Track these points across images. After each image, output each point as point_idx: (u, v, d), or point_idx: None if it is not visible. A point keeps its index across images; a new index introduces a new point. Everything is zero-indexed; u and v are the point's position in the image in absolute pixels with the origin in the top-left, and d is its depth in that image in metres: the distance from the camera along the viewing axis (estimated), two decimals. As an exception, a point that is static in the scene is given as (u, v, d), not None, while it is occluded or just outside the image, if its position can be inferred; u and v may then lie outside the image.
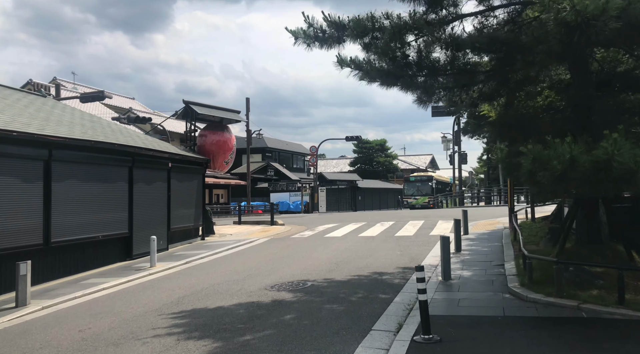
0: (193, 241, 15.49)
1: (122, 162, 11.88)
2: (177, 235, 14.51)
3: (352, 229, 16.65)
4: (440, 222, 17.30)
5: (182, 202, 14.60)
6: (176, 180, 14.32)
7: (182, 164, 14.71)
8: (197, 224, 15.64)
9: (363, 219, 21.16)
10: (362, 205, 53.81)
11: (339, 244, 13.01)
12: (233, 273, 9.80)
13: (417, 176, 45.12)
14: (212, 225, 16.99)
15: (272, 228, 18.89)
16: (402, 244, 12.59)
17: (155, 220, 13.10)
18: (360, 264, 9.93)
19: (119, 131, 13.81)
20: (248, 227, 20.02)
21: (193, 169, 15.44)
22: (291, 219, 23.83)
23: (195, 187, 15.57)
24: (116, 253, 11.77)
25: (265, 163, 56.10)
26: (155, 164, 13.21)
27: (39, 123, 10.35)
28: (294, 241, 14.26)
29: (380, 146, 70.09)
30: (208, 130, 16.87)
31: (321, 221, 21.65)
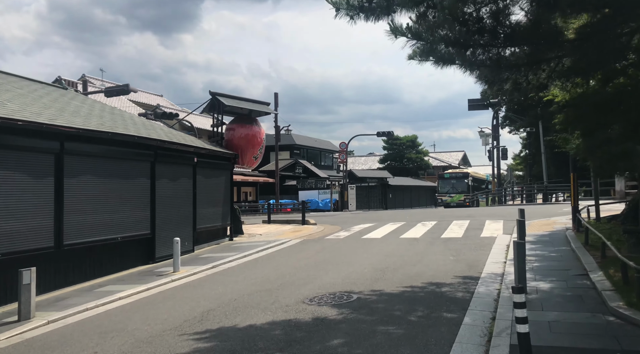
0: (221, 241, 14.43)
1: (144, 156, 10.86)
2: (203, 236, 13.47)
3: (391, 229, 15.29)
4: (489, 222, 15.77)
5: (208, 201, 13.56)
6: (202, 176, 13.27)
7: (209, 159, 13.65)
8: (225, 224, 14.59)
9: (400, 218, 19.76)
10: (392, 203, 52.23)
11: (381, 247, 11.70)
12: (265, 280, 8.62)
13: (452, 172, 43.25)
14: (241, 224, 15.92)
15: (304, 228, 17.71)
16: (453, 247, 11.19)
17: (179, 220, 12.07)
18: (410, 272, 8.60)
19: (141, 124, 12.84)
20: (278, 226, 18.90)
21: (220, 165, 14.38)
22: (322, 218, 22.61)
23: (223, 184, 14.51)
24: (137, 256, 10.77)
25: (293, 160, 55.08)
26: (179, 159, 12.18)
27: (51, 113, 9.40)
28: (330, 243, 13.02)
29: (411, 142, 68.21)
30: (236, 123, 15.80)
31: (355, 220, 20.35)
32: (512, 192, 36.84)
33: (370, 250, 11.38)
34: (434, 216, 19.71)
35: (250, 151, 15.62)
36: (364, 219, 20.31)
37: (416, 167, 69.03)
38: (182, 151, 12.29)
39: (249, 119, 15.98)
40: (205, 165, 13.44)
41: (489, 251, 10.41)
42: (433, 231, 14.43)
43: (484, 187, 45.19)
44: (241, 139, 15.51)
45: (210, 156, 13.73)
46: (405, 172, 65.62)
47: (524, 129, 35.03)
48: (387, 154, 69.85)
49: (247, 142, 15.54)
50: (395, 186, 53.00)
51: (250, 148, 15.60)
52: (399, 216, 21.11)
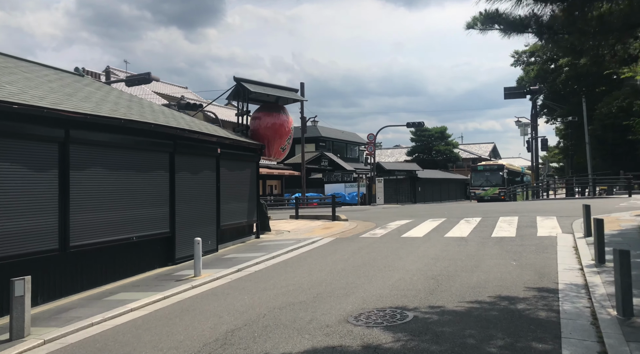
0: (246, 239, 13.32)
1: (162, 147, 9.78)
2: (228, 233, 12.37)
3: (432, 227, 13.91)
4: (540, 218, 14.22)
5: (233, 195, 12.44)
6: (226, 169, 12.15)
7: (234, 150, 12.51)
8: (251, 220, 13.46)
9: (438, 213, 18.32)
10: (422, 197, 50.56)
11: (426, 249, 10.36)
12: (298, 288, 7.42)
13: (486, 164, 41.27)
14: (268, 221, 14.79)
15: (335, 224, 16.47)
16: (510, 249, 9.77)
17: (202, 216, 10.98)
18: (469, 281, 7.27)
19: (160, 112, 11.77)
20: (307, 222, 17.72)
21: (246, 157, 13.24)
22: (352, 213, 21.34)
23: (249, 177, 13.37)
24: (154, 258, 9.72)
25: (319, 153, 53.87)
26: (201, 149, 11.06)
27: (57, 97, 8.36)
28: (366, 243, 11.74)
29: (440, 133, 66.17)
30: (262, 112, 14.62)
31: (388, 215, 19.01)
32: (554, 185, 34.74)
33: (415, 252, 10.06)
34: (475, 212, 18.19)
35: (277, 141, 14.43)
36: (398, 215, 18.95)
37: (445, 159, 66.99)
38: (204, 141, 11.17)
39: (276, 107, 14.77)
40: (230, 157, 12.31)
41: (554, 255, 8.97)
42: (480, 228, 12.99)
43: (518, 180, 43.12)
44: (268, 129, 14.33)
45: (235, 147, 12.59)
46: (433, 164, 63.69)
47: (562, 118, 32.90)
48: (415, 146, 68.00)
49: (274, 132, 14.34)
50: (424, 179, 51.31)
51: (277, 138, 14.40)
52: (436, 211, 19.65)
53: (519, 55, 39.90)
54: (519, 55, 39.88)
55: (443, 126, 67.28)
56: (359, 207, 31.07)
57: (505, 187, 38.78)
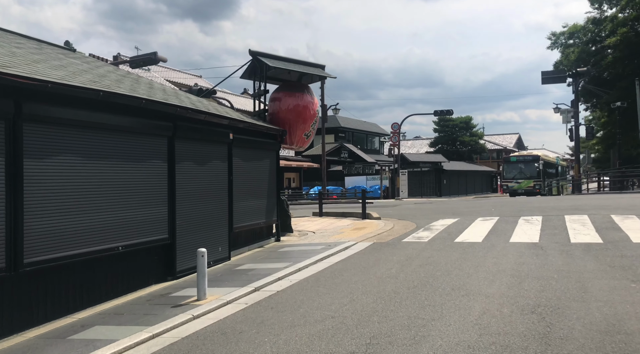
0: (265, 243, 11.18)
1: (157, 130, 7.64)
2: (242, 237, 10.25)
3: (487, 228, 11.58)
4: (618, 218, 11.77)
5: (249, 190, 10.29)
6: (240, 159, 10.00)
7: (249, 136, 10.34)
8: (270, 220, 11.31)
9: (484, 210, 15.94)
10: (447, 190, 47.99)
11: (496, 260, 8.06)
12: (339, 325, 5.21)
13: (520, 155, 38.53)
14: (290, 220, 12.62)
15: (367, 224, 14.23)
16: (612, 262, 7.42)
17: (210, 217, 8.86)
18: (591, 319, 4.96)
19: (160, 90, 9.64)
20: (333, 221, 15.53)
21: (264, 144, 11.06)
22: (381, 209, 19.04)
23: (267, 169, 11.20)
24: (149, 271, 7.63)
25: (338, 144, 51.57)
26: (209, 134, 8.91)
27: (14, 61, 6.26)
28: (414, 250, 9.48)
29: (464, 123, 63.25)
30: (283, 91, 12.41)
31: (426, 212, 16.68)
32: (598, 177, 31.84)
33: (483, 265, 7.77)
34: (527, 208, 15.75)
35: (300, 126, 12.21)
36: (437, 212, 16.61)
37: (470, 150, 64.11)
38: (213, 124, 9.01)
39: (298, 86, 12.53)
40: (245, 144, 10.15)
41: (683, 273, 6.61)
42: (549, 231, 10.62)
43: (552, 172, 40.23)
44: (289, 112, 12.11)
45: (251, 132, 10.41)
46: (458, 156, 60.90)
47: (610, 104, 29.96)
48: (438, 137, 65.19)
49: (297, 116, 12.12)
50: (450, 171, 48.72)
51: (300, 123, 12.19)
52: (479, 207, 17.25)
53: (556, 37, 36.89)
54: (556, 37, 36.87)
55: (468, 115, 64.27)
56: (384, 202, 28.74)
57: (541, 180, 36.08)
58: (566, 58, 34.40)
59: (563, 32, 36.26)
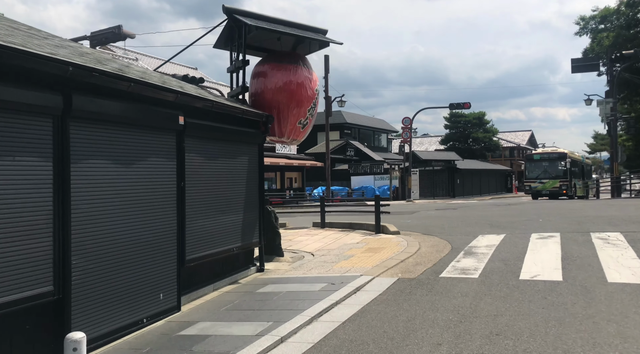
0: (241, 276, 7.85)
1: (33, 105, 4.33)
2: (203, 271, 6.93)
3: (555, 253, 8.21)
4: None
5: (214, 202, 6.96)
6: (199, 155, 6.68)
7: (215, 121, 7.00)
8: (250, 243, 7.97)
9: (526, 219, 12.55)
10: (460, 190, 44.56)
11: (620, 329, 4.68)
12: None
13: (544, 153, 34.95)
14: (279, 238, 9.28)
15: (382, 241, 10.89)
16: None
17: (142, 248, 5.54)
18: None
19: (74, 50, 6.30)
20: (338, 235, 12.19)
21: (240, 135, 7.72)
22: (396, 217, 15.65)
23: (245, 169, 7.86)
24: (21, 345, 4.32)
25: (344, 141, 48.16)
26: (139, 115, 5.58)
27: None
28: (464, 300, 6.08)
29: (477, 119, 59.76)
30: (270, 64, 9.07)
31: (452, 221, 13.30)
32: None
33: (601, 337, 4.41)
34: (589, 219, 12.31)
35: (294, 111, 8.86)
36: (467, 221, 13.23)
37: (483, 148, 60.57)
38: (147, 100, 5.68)
39: (291, 57, 9.16)
40: (207, 133, 6.82)
41: None
42: None
43: (577, 171, 36.65)
44: (278, 92, 8.77)
45: (217, 117, 7.07)
46: (470, 153, 57.34)
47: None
48: (449, 134, 61.78)
49: (290, 97, 8.78)
50: (463, 170, 45.27)
51: (293, 107, 8.84)
52: (520, 215, 13.81)
53: (585, 22, 33.35)
54: (585, 22, 33.32)
55: (481, 111, 60.79)
56: (395, 206, 25.27)
57: (568, 180, 32.59)
58: (598, 44, 30.86)
59: (593, 17, 32.73)
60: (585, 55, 32.44)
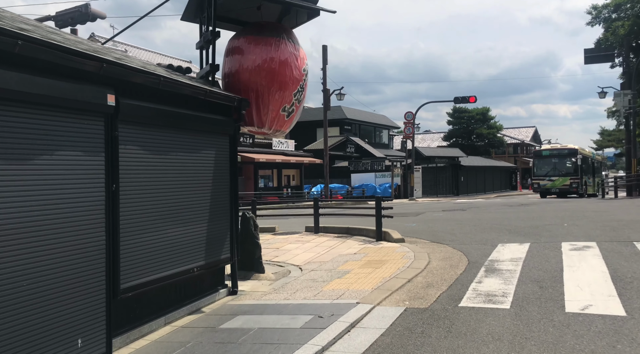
0: (206, 301, 6.22)
1: None
2: (151, 300, 5.29)
3: (600, 270, 6.58)
4: None
5: (164, 210, 5.32)
6: (142, 148, 5.04)
7: (165, 104, 5.36)
8: (218, 259, 6.33)
9: (546, 222, 10.94)
10: (464, 187, 42.89)
11: None
12: None
13: (553, 148, 33.32)
14: (259, 250, 7.64)
15: (384, 252, 9.26)
16: None
17: (47, 279, 3.92)
18: None
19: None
20: (333, 242, 10.56)
21: (202, 122, 6.06)
22: (400, 220, 14.02)
23: (211, 166, 6.22)
24: None
25: (343, 137, 46.49)
26: (39, 90, 3.95)
27: None
28: (498, 346, 4.48)
29: (481, 115, 58.05)
30: (246, 37, 7.43)
31: (464, 226, 11.65)
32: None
33: None
34: (623, 224, 10.69)
35: (276, 95, 7.22)
36: (481, 226, 11.59)
37: (487, 144, 58.90)
38: (51, 67, 4.05)
39: (273, 29, 7.50)
40: (153, 119, 5.17)
41: None
42: None
43: (585, 168, 34.94)
44: (257, 71, 7.13)
45: (169, 99, 5.44)
46: (474, 150, 55.62)
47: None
48: (452, 130, 60.05)
49: (271, 77, 7.14)
50: (468, 167, 43.58)
51: (275, 90, 7.21)
52: (540, 218, 12.16)
53: (597, 11, 31.61)
54: (597, 11, 31.58)
55: (485, 106, 59.06)
56: (398, 205, 23.64)
57: (579, 177, 30.95)
58: (613, 33, 29.13)
59: (606, 5, 31.00)
60: (598, 45, 30.71)
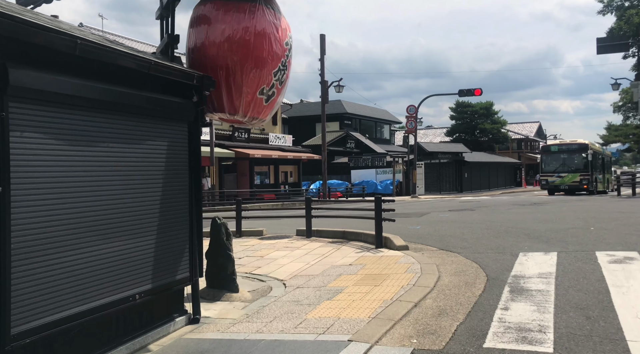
0: (156, 334, 4.85)
1: None
2: (71, 342, 3.94)
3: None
4: None
5: (88, 220, 3.96)
6: (51, 137, 3.68)
7: (89, 79, 3.99)
8: (172, 280, 4.97)
9: (567, 225, 9.57)
10: (468, 184, 41.51)
11: None
12: None
13: (562, 144, 31.91)
14: (231, 264, 6.27)
15: (384, 264, 7.88)
16: None
17: None
18: None
19: None
20: (325, 249, 9.19)
21: (147, 105, 4.70)
22: (403, 221, 12.65)
23: (162, 161, 4.85)
24: None
25: (343, 132, 45.12)
26: None
27: None
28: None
29: (485, 110, 56.52)
30: (214, 2, 6.04)
31: (475, 229, 10.29)
32: None
33: None
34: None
35: (251, 74, 5.85)
36: (495, 230, 10.22)
37: (491, 140, 57.42)
38: None
39: (248, -6, 6.14)
40: (69, 98, 3.80)
41: None
42: None
43: (598, 164, 33.55)
44: (228, 44, 5.76)
45: (97, 73, 4.07)
46: (477, 145, 54.17)
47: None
48: (455, 125, 58.56)
49: (245, 52, 5.77)
50: (472, 163, 42.19)
51: (250, 68, 5.84)
52: (559, 220, 10.81)
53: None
54: (609, -2, 30.11)
55: (488, 101, 57.52)
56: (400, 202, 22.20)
57: (589, 174, 29.58)
58: (626, 22, 27.67)
59: (619, -9, 29.53)
60: (611, 34, 29.23)
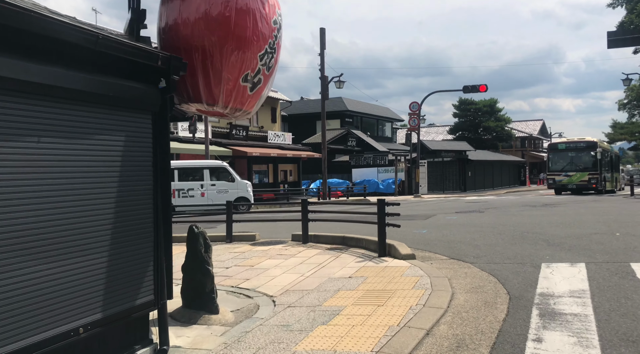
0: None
1: None
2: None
3: None
4: None
5: (10, 237, 3.08)
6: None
7: (20, 56, 3.11)
8: (132, 306, 4.08)
9: (588, 230, 8.70)
10: (472, 183, 40.59)
11: None
12: None
13: (570, 142, 30.99)
14: (210, 281, 5.37)
15: (388, 276, 6.98)
16: None
17: None
18: None
19: None
20: (323, 257, 8.29)
21: (101, 90, 3.81)
22: (407, 224, 11.74)
23: (118, 160, 3.96)
24: None
25: (344, 130, 44.23)
26: None
27: None
28: None
29: (488, 107, 55.58)
30: (190, -25, 5.19)
31: (486, 234, 9.38)
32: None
33: None
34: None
35: (232, 57, 4.98)
36: (509, 235, 9.31)
37: (495, 138, 56.50)
38: None
39: (229, -36, 5.25)
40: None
41: None
42: None
43: (607, 163, 32.60)
44: (204, 22, 4.90)
45: (28, 45, 3.18)
46: (480, 144, 53.26)
47: None
48: (458, 123, 57.65)
49: (224, 30, 4.90)
50: (475, 162, 41.27)
51: (231, 49, 4.97)
52: (576, 224, 9.92)
53: (619, -9, 29.16)
54: (619, -10, 29.14)
55: (492, 98, 56.60)
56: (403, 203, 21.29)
57: (598, 173, 28.66)
58: (638, 15, 26.71)
59: (629, -15, 28.55)
60: (622, 27, 28.28)
